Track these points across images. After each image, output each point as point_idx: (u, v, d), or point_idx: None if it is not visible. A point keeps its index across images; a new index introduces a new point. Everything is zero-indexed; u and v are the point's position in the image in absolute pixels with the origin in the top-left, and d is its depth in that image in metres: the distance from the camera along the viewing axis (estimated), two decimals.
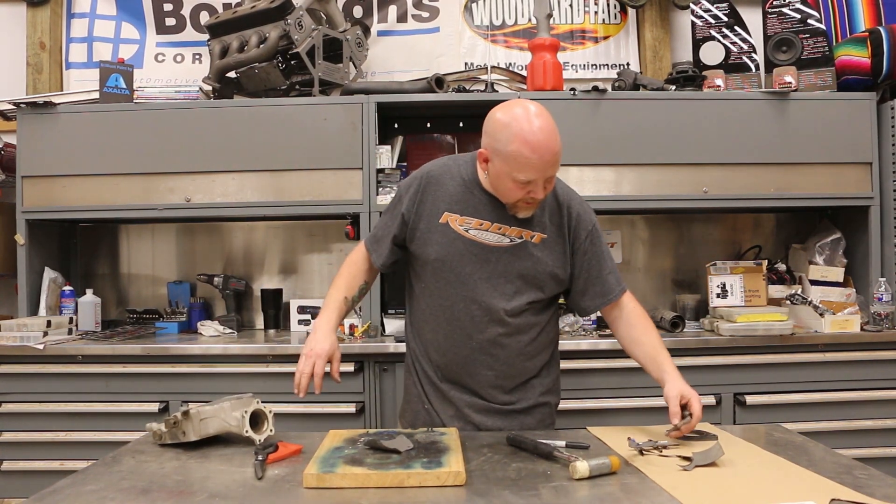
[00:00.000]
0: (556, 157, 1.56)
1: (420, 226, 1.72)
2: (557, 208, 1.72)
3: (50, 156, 2.81)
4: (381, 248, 1.79)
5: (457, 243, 1.68)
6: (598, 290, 1.75)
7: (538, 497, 1.21)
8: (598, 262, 1.75)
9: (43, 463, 2.54)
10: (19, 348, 2.54)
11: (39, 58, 3.32)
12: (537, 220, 1.69)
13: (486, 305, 1.68)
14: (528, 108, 1.57)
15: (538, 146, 1.53)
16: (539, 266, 1.69)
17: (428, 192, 1.72)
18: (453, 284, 1.70)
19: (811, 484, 1.26)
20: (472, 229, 1.68)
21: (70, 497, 1.24)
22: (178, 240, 3.26)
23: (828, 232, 2.96)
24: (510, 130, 1.54)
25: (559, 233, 1.72)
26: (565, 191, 1.77)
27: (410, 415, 1.84)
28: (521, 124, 1.54)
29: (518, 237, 1.68)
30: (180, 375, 2.54)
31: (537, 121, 1.54)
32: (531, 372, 1.77)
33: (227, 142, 2.78)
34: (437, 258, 1.70)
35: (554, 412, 1.85)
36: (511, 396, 1.75)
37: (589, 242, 1.74)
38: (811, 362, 2.56)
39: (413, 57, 3.37)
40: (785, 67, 2.90)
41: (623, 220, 3.24)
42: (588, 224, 1.75)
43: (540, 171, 1.55)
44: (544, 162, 1.54)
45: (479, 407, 1.74)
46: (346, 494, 1.24)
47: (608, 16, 3.43)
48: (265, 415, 1.55)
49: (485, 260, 1.68)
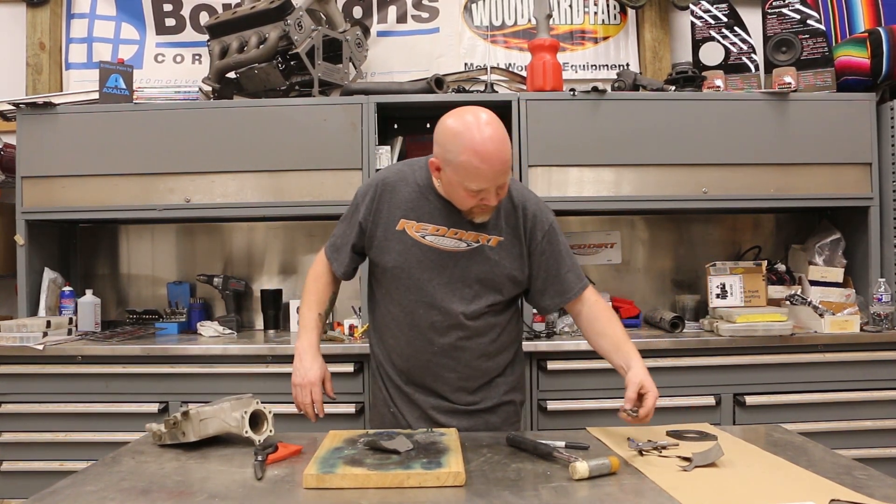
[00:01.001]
0: (505, 165, 1.56)
1: (377, 233, 1.73)
2: (513, 210, 1.72)
3: (50, 156, 2.81)
4: (341, 258, 1.81)
5: (414, 250, 1.70)
6: (558, 288, 1.75)
7: (538, 497, 1.21)
8: (557, 262, 1.74)
9: (43, 463, 2.54)
10: (19, 349, 2.54)
11: (39, 58, 3.32)
12: (493, 223, 1.69)
13: (445, 310, 1.69)
14: (479, 116, 1.56)
15: (488, 156, 1.52)
16: (496, 269, 1.69)
17: (384, 199, 1.73)
18: (412, 290, 1.71)
19: (811, 484, 1.26)
20: (428, 235, 1.69)
21: (70, 497, 1.24)
22: (178, 240, 3.26)
23: (827, 232, 2.96)
24: (460, 140, 1.54)
25: (515, 234, 1.72)
26: (521, 192, 1.76)
27: (378, 418, 1.87)
28: (471, 133, 1.53)
29: (474, 241, 1.69)
30: (180, 376, 2.54)
31: (487, 130, 1.53)
32: (494, 371, 1.78)
33: (227, 142, 2.78)
34: (395, 265, 1.71)
35: (519, 410, 1.86)
36: (475, 397, 1.77)
37: (546, 242, 1.73)
38: (811, 363, 2.56)
39: (413, 57, 3.37)
40: (784, 68, 2.90)
41: (623, 221, 3.24)
42: (545, 224, 1.74)
43: (490, 181, 1.56)
44: (494, 171, 1.54)
45: (444, 409, 1.76)
46: (346, 495, 1.24)
47: (608, 16, 3.43)
48: (265, 415, 1.55)
49: (442, 265, 1.69)
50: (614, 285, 3.19)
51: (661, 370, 2.53)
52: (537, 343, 2.53)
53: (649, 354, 2.53)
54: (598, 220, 3.24)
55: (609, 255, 3.18)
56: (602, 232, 3.20)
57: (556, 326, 2.72)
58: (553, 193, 2.75)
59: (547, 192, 2.75)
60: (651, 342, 2.56)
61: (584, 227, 3.24)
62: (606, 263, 3.19)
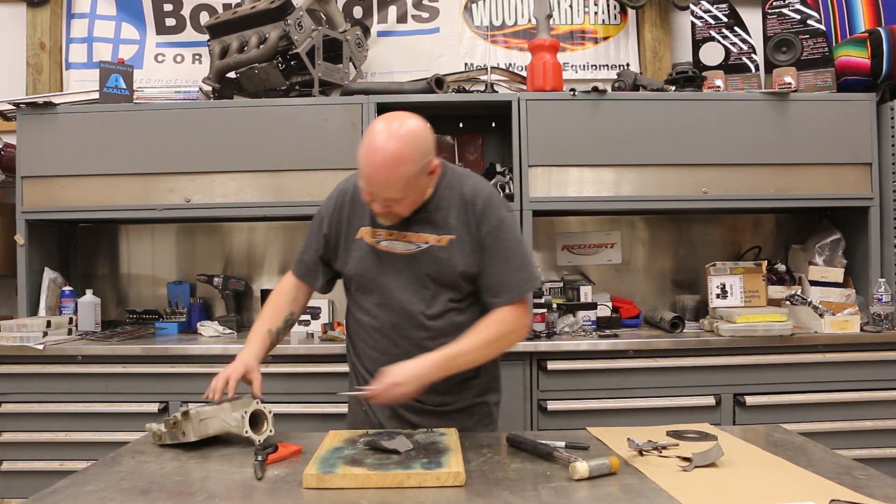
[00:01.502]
0: (386, 182, 1.55)
1: (340, 244, 1.78)
2: (464, 207, 1.70)
3: (50, 156, 2.81)
4: (315, 273, 1.84)
5: (372, 256, 1.73)
6: (494, 289, 1.70)
7: (538, 498, 1.21)
8: (498, 260, 1.69)
9: (43, 463, 2.54)
10: (19, 348, 2.54)
11: (39, 58, 3.32)
12: (442, 222, 1.70)
13: (406, 312, 1.71)
14: (390, 125, 1.57)
15: (370, 164, 1.55)
16: (448, 268, 1.69)
17: (343, 210, 1.78)
18: (374, 295, 1.74)
19: (811, 484, 1.26)
20: (383, 240, 1.72)
21: (70, 497, 1.24)
22: (178, 240, 3.26)
23: (827, 232, 2.96)
24: (365, 141, 1.59)
25: (467, 231, 1.70)
26: (475, 188, 1.73)
27: (351, 417, 1.89)
28: (370, 137, 1.58)
29: (424, 242, 1.70)
30: (180, 376, 2.54)
31: (387, 143, 1.54)
32: (465, 373, 1.76)
33: (227, 142, 2.78)
34: (356, 273, 1.75)
35: (493, 410, 1.86)
36: (446, 398, 1.77)
37: (491, 238, 1.69)
38: (811, 363, 2.56)
39: (413, 57, 3.38)
40: (785, 68, 2.90)
41: (623, 221, 3.24)
42: (493, 219, 1.69)
43: (371, 187, 1.58)
44: (372, 182, 1.57)
45: (414, 409, 1.76)
46: (346, 495, 1.24)
47: (608, 16, 3.43)
48: (265, 415, 1.55)
49: (398, 269, 1.71)
50: (614, 285, 3.19)
51: (661, 370, 2.53)
52: (537, 343, 2.53)
53: (649, 354, 2.54)
54: (598, 220, 3.24)
55: (609, 255, 3.18)
56: (602, 232, 3.20)
57: (556, 326, 2.72)
58: (553, 193, 2.76)
59: (547, 192, 2.75)
60: (651, 342, 2.56)
61: (584, 227, 3.24)
62: (606, 263, 3.19)
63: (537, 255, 3.18)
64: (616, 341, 2.55)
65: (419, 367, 1.57)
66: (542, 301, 2.77)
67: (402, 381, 1.55)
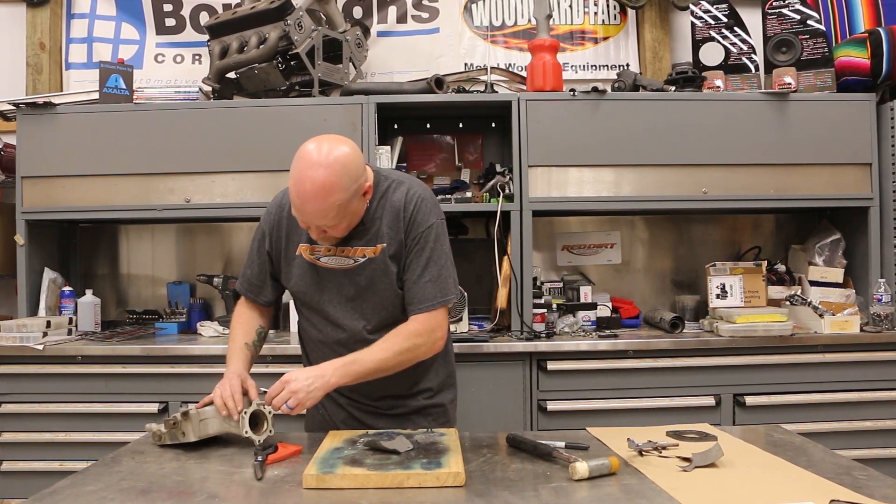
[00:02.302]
0: (317, 212, 1.52)
1: (282, 260, 1.77)
2: (395, 214, 1.68)
3: (50, 156, 2.81)
4: (260, 288, 1.81)
5: (311, 272, 1.72)
6: (409, 295, 1.67)
7: (538, 498, 1.21)
8: (418, 268, 1.66)
9: (43, 463, 2.54)
10: (19, 349, 2.54)
11: (39, 58, 3.32)
12: (375, 232, 1.67)
13: (347, 327, 1.71)
14: (320, 150, 1.52)
15: (299, 194, 1.51)
16: (385, 277, 1.67)
17: (283, 226, 1.75)
18: (317, 312, 1.74)
19: (810, 484, 1.26)
20: (322, 257, 1.70)
21: (70, 497, 1.24)
22: (178, 240, 3.26)
23: (827, 233, 2.96)
24: (293, 167, 1.53)
25: (396, 238, 1.68)
26: (408, 195, 1.69)
27: (308, 418, 1.89)
28: (298, 165, 1.52)
29: (361, 256, 1.68)
30: (180, 376, 2.54)
31: (309, 168, 1.50)
32: (415, 377, 1.77)
33: (227, 142, 2.78)
34: (297, 290, 1.75)
35: (449, 409, 1.86)
36: (398, 402, 1.77)
37: (414, 243, 1.67)
38: (811, 363, 2.56)
39: (413, 57, 3.38)
40: (785, 68, 2.90)
41: (623, 221, 3.24)
42: (421, 226, 1.67)
43: (303, 217, 1.56)
44: (303, 212, 1.54)
45: (368, 410, 1.78)
46: (346, 495, 1.24)
47: (608, 17, 3.43)
48: (265, 415, 1.55)
49: (339, 284, 1.70)
50: (614, 285, 3.20)
51: (660, 370, 2.53)
52: (537, 343, 2.53)
53: (649, 355, 2.54)
54: (598, 220, 3.24)
55: (609, 255, 3.19)
56: (602, 232, 3.20)
57: (556, 326, 2.72)
58: (553, 193, 2.76)
59: (547, 193, 2.75)
60: (651, 342, 2.56)
61: (584, 227, 3.24)
62: (606, 263, 3.19)
63: (537, 256, 3.18)
64: (616, 341, 2.55)
65: (319, 369, 1.55)
66: (542, 301, 2.77)
67: (297, 382, 1.50)
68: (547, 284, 2.96)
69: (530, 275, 2.74)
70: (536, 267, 3.07)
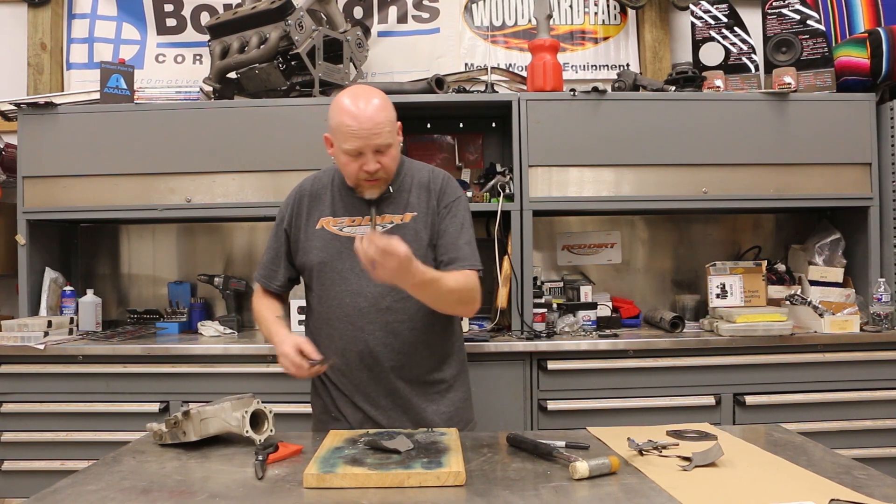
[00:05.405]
0: (376, 125, 1.64)
1: (300, 237, 1.82)
2: (426, 185, 1.81)
3: (51, 156, 2.81)
4: (278, 271, 1.86)
5: (334, 243, 1.77)
6: (452, 255, 1.75)
7: (538, 497, 1.21)
8: (454, 230, 1.77)
9: (43, 463, 2.54)
10: (20, 348, 2.54)
11: (40, 58, 3.32)
12: (403, 202, 1.78)
13: (370, 295, 1.73)
14: (355, 88, 1.72)
15: (356, 115, 1.63)
16: (415, 243, 1.70)
17: (302, 204, 1.84)
18: (337, 283, 1.76)
19: (810, 484, 1.26)
20: (345, 227, 1.77)
21: (70, 497, 1.24)
22: (179, 240, 3.27)
23: (827, 232, 2.96)
24: (335, 106, 1.68)
25: (427, 207, 1.79)
26: (433, 173, 1.84)
27: (315, 420, 1.90)
28: (342, 99, 1.67)
29: (389, 223, 1.75)
30: (181, 375, 2.54)
31: (359, 93, 1.67)
32: (431, 359, 1.80)
33: (228, 142, 2.78)
34: (318, 261, 1.78)
35: (472, 418, 1.90)
36: (416, 388, 1.79)
37: (447, 211, 1.79)
38: (811, 363, 2.56)
39: (413, 57, 3.38)
40: (784, 68, 2.91)
41: (623, 221, 3.24)
42: (451, 196, 1.81)
43: (361, 139, 1.64)
44: (363, 129, 1.63)
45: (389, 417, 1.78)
46: (347, 494, 1.24)
47: (608, 17, 3.43)
48: (265, 415, 1.55)
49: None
50: (614, 285, 3.20)
51: (661, 370, 2.54)
52: (537, 343, 2.53)
53: (649, 354, 2.54)
54: (598, 220, 3.24)
55: (609, 255, 3.19)
56: (602, 232, 3.21)
57: (557, 326, 2.73)
58: (553, 193, 2.76)
59: (547, 192, 2.76)
60: (651, 342, 2.57)
61: (584, 227, 3.24)
62: (606, 263, 3.20)
63: (537, 255, 3.18)
64: (616, 341, 2.56)
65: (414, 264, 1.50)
66: (542, 301, 2.77)
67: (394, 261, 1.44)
68: (547, 284, 2.96)
69: (530, 274, 2.74)
70: (537, 267, 3.07)
